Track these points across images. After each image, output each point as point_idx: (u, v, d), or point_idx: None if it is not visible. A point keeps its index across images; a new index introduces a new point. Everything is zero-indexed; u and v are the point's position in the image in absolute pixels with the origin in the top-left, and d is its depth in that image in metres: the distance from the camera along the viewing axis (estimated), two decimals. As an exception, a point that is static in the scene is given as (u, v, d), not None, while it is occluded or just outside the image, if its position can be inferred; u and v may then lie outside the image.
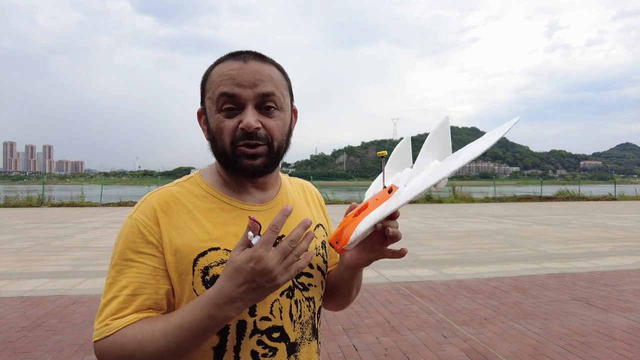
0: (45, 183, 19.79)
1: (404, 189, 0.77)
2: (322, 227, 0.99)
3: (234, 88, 0.78)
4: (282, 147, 0.84)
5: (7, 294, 4.75)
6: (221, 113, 0.80)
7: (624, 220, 12.74)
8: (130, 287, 0.75)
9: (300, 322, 0.86)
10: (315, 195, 1.06)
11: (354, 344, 3.41)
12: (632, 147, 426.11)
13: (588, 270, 6.08)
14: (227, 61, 0.82)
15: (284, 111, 0.84)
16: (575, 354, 3.20)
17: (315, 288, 0.91)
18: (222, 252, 0.79)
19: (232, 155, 0.80)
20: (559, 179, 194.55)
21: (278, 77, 0.83)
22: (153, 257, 0.77)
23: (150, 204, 0.81)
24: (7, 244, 8.17)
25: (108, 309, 0.74)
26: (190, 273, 0.77)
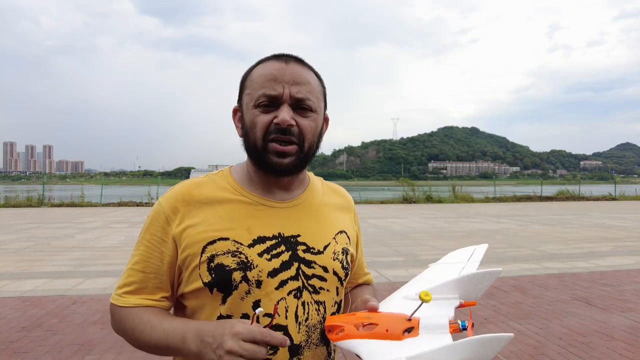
0: (45, 183, 19.78)
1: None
2: (346, 234, 0.98)
3: (274, 85, 0.82)
4: (312, 148, 0.87)
5: (7, 294, 4.75)
6: (258, 108, 0.83)
7: (624, 220, 12.73)
8: (141, 263, 0.85)
9: (307, 325, 0.84)
10: (347, 201, 1.05)
11: (354, 344, 3.40)
12: (632, 147, 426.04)
13: (588, 270, 6.08)
14: (269, 61, 0.86)
15: (317, 114, 0.87)
16: (576, 354, 3.20)
17: (327, 293, 0.89)
18: (230, 243, 0.82)
19: (262, 150, 0.83)
20: (559, 179, 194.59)
21: (315, 82, 0.88)
22: (165, 242, 0.84)
23: (175, 194, 0.87)
24: (7, 244, 8.17)
25: (124, 278, 0.87)
26: (198, 258, 0.81)
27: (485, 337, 0.61)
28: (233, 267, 0.81)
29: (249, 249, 0.82)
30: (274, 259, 0.83)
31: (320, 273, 0.88)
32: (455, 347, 0.63)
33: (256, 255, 0.82)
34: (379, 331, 0.73)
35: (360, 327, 0.75)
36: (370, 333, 0.73)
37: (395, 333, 0.72)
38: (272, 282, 0.82)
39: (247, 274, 0.81)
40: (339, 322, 0.78)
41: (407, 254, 7.24)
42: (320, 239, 0.90)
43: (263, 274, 0.81)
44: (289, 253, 0.85)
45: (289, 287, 0.83)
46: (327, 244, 0.91)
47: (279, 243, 0.85)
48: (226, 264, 0.81)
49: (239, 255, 0.81)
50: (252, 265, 0.81)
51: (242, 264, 0.81)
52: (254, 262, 0.81)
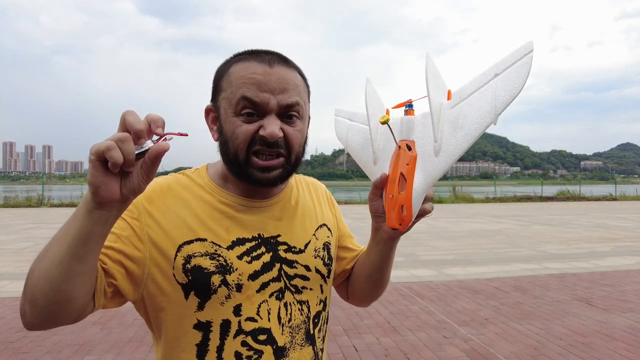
0: (44, 183, 19.78)
1: (444, 143, 0.72)
2: (327, 227, 0.95)
3: (259, 94, 0.74)
4: (298, 158, 0.83)
5: (7, 294, 4.75)
6: (239, 117, 0.75)
7: (625, 221, 12.73)
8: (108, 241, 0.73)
9: (290, 326, 0.82)
10: (324, 193, 1.03)
11: (354, 345, 3.40)
12: (632, 147, 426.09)
13: (589, 270, 6.07)
14: (249, 61, 0.77)
15: (304, 121, 0.82)
16: (576, 355, 3.20)
17: (310, 291, 0.86)
18: (208, 244, 0.78)
19: (244, 164, 0.77)
20: (559, 179, 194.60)
21: (302, 85, 0.81)
22: (134, 230, 0.75)
23: (151, 186, 0.80)
24: (6, 244, 8.17)
25: None
26: (172, 258, 0.76)
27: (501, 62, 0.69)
28: (212, 270, 0.76)
29: (227, 252, 0.78)
30: (254, 261, 0.80)
31: (302, 272, 0.85)
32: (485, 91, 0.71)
33: (235, 258, 0.78)
34: (407, 172, 0.75)
35: (398, 192, 0.75)
36: (408, 181, 0.74)
37: (411, 158, 0.76)
38: (253, 285, 0.79)
39: (226, 277, 0.76)
40: (394, 211, 0.75)
41: (408, 254, 7.23)
42: (300, 237, 0.87)
43: (243, 277, 0.78)
44: (269, 254, 0.82)
45: (270, 289, 0.80)
46: (308, 242, 0.88)
47: (259, 244, 0.82)
48: (204, 266, 0.76)
49: (217, 258, 0.77)
50: (232, 269, 0.77)
51: (221, 267, 0.77)
52: (233, 265, 0.78)
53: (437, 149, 0.73)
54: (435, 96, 0.75)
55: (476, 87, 0.73)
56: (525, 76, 0.66)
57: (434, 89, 0.75)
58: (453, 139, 0.72)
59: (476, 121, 0.70)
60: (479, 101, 0.71)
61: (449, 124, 0.74)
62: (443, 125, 0.74)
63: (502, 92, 0.68)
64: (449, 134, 0.73)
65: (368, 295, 1.01)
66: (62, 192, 22.52)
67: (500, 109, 0.68)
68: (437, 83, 0.76)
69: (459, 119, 0.73)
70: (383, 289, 0.99)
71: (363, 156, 0.92)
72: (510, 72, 0.68)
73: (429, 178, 0.73)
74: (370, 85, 0.88)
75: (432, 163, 0.74)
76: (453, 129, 0.73)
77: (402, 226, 0.74)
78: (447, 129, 0.73)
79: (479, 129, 0.70)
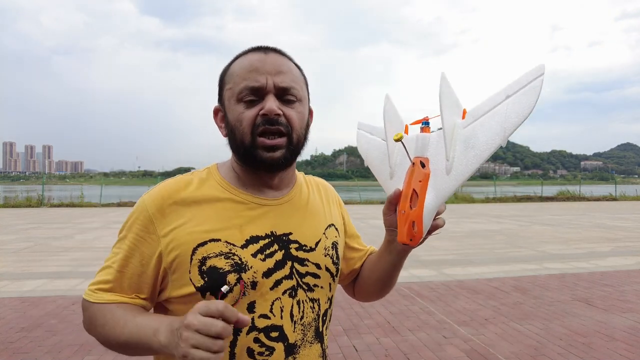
0: (44, 183, 19.78)
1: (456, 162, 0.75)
2: (335, 227, 0.96)
3: (256, 77, 0.79)
4: (300, 140, 0.84)
5: (6, 295, 4.75)
6: (241, 104, 0.80)
7: (625, 221, 12.73)
8: (120, 262, 0.81)
9: (302, 324, 0.83)
10: (332, 194, 1.04)
11: (354, 345, 3.40)
12: (632, 147, 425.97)
13: (589, 270, 6.07)
14: (247, 54, 0.83)
15: (302, 104, 0.85)
16: (576, 355, 3.19)
17: (321, 290, 0.88)
18: (222, 244, 0.79)
19: (250, 146, 0.80)
20: (559, 179, 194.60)
21: (297, 72, 0.85)
22: (147, 242, 0.80)
23: (160, 192, 0.82)
24: (6, 244, 8.16)
25: (101, 275, 0.83)
26: (188, 261, 0.78)
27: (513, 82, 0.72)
28: (227, 270, 0.77)
29: (242, 250, 0.79)
30: (267, 258, 0.81)
31: (313, 270, 0.87)
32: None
33: (250, 256, 0.79)
34: (420, 189, 0.78)
35: (411, 207, 0.78)
36: (420, 197, 0.77)
37: (424, 176, 0.79)
38: (266, 283, 0.80)
39: (241, 275, 0.78)
40: (405, 226, 0.76)
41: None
42: (311, 235, 0.89)
43: (258, 275, 0.79)
44: (282, 252, 0.83)
45: (283, 286, 0.82)
46: (318, 240, 0.90)
47: (272, 242, 0.83)
48: (219, 266, 0.77)
49: (232, 257, 0.78)
50: (247, 267, 0.79)
51: (236, 266, 0.78)
52: (248, 263, 0.79)
53: (448, 168, 0.76)
54: (448, 116, 0.78)
55: (489, 108, 0.75)
56: (534, 100, 0.69)
57: (448, 109, 0.78)
58: (464, 159, 0.75)
59: (486, 142, 0.73)
60: (490, 122, 0.74)
61: (462, 143, 0.76)
62: (455, 144, 0.77)
63: (513, 114, 0.70)
64: (460, 154, 0.76)
65: (376, 294, 1.06)
66: (62, 192, 22.51)
67: (509, 131, 0.70)
68: (451, 103, 0.79)
69: (470, 139, 0.75)
70: (391, 289, 1.04)
71: (381, 170, 0.95)
72: (521, 94, 0.71)
73: (440, 196, 0.76)
74: (390, 102, 0.92)
75: (443, 181, 0.76)
76: (465, 148, 0.76)
77: (413, 242, 0.77)
78: (460, 148, 0.76)
79: (489, 150, 0.73)
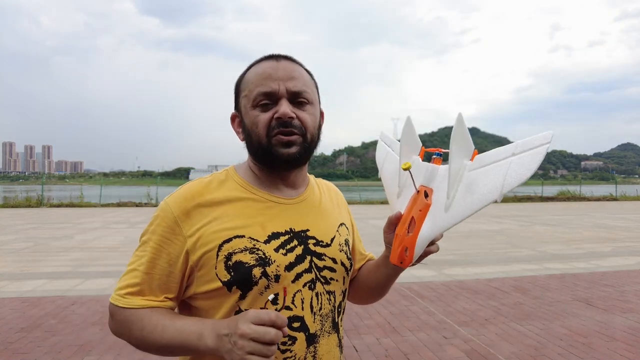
0: (44, 183, 19.76)
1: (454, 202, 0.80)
2: (345, 226, 1.03)
3: (269, 83, 0.85)
4: (314, 139, 0.90)
5: (6, 295, 4.74)
6: (257, 109, 0.86)
7: (625, 221, 12.72)
8: (147, 264, 0.84)
9: (321, 315, 0.88)
10: (339, 196, 1.11)
11: (354, 345, 3.40)
12: (633, 147, 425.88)
13: (589, 270, 6.07)
14: (260, 62, 0.89)
15: (314, 106, 0.90)
16: (576, 355, 3.19)
17: (336, 283, 0.93)
18: (246, 240, 0.83)
19: (267, 145, 0.85)
20: (560, 179, 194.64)
21: (307, 77, 0.91)
22: (173, 243, 0.84)
23: (184, 194, 0.87)
24: (6, 244, 8.16)
25: (128, 278, 0.85)
26: (214, 257, 0.82)
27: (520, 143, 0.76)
28: (252, 264, 0.82)
29: (265, 245, 0.84)
30: (289, 253, 0.86)
31: (330, 264, 0.92)
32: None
33: (272, 251, 0.84)
34: (418, 217, 0.83)
35: (408, 233, 0.83)
36: (417, 225, 0.82)
37: (424, 206, 0.84)
38: (288, 276, 0.85)
39: (266, 269, 0.83)
40: (398, 249, 0.82)
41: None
42: (326, 232, 0.94)
43: (280, 269, 0.84)
44: (301, 247, 0.88)
45: (303, 279, 0.87)
46: (333, 237, 0.95)
47: (292, 238, 0.88)
48: (245, 261, 0.82)
49: (257, 252, 0.83)
50: (270, 261, 0.84)
51: (261, 260, 0.83)
52: (271, 258, 0.84)
53: (447, 206, 0.81)
54: (458, 157, 0.82)
55: (495, 159, 0.79)
56: (536, 164, 0.73)
57: (459, 150, 0.82)
58: (462, 202, 0.79)
59: (484, 193, 0.77)
60: (492, 174, 0.78)
61: (464, 186, 0.81)
62: (458, 185, 0.81)
63: (513, 173, 0.75)
64: (460, 196, 0.80)
65: (367, 299, 1.12)
66: (61, 192, 22.52)
67: (506, 189, 0.74)
68: (463, 144, 0.83)
69: (472, 185, 0.79)
70: (382, 297, 1.10)
71: (391, 186, 0.99)
72: (525, 155, 0.75)
73: (436, 229, 0.81)
74: (410, 124, 0.96)
75: (441, 216, 0.81)
76: (465, 191, 0.80)
77: (403, 264, 0.83)
78: (461, 189, 0.80)
79: (484, 202, 0.77)
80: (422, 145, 0.97)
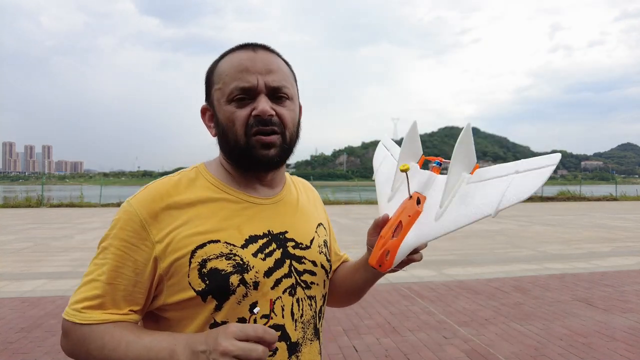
0: (44, 183, 19.78)
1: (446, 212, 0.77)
2: (323, 226, 0.98)
3: (246, 77, 0.78)
4: (293, 138, 0.84)
5: (6, 295, 4.74)
6: (232, 104, 0.79)
7: (625, 221, 12.72)
8: (110, 274, 0.74)
9: (302, 322, 0.83)
10: (315, 195, 1.06)
11: (354, 345, 3.39)
12: (633, 147, 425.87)
13: (589, 270, 6.07)
14: (235, 52, 0.82)
15: (294, 102, 0.84)
16: (576, 355, 3.19)
17: (317, 287, 0.88)
18: (221, 245, 0.77)
19: (245, 146, 0.78)
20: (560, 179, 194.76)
21: (286, 70, 0.84)
22: (139, 249, 0.75)
23: (150, 194, 0.79)
24: (6, 244, 8.16)
25: (86, 290, 0.75)
26: (187, 265, 0.75)
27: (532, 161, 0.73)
28: (229, 271, 0.75)
29: (242, 250, 0.78)
30: (267, 257, 0.80)
31: (310, 268, 0.86)
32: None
33: (250, 256, 0.78)
34: (406, 222, 0.80)
35: (393, 237, 0.79)
36: (403, 230, 0.79)
37: (415, 212, 0.81)
38: (268, 282, 0.79)
39: (244, 276, 0.76)
40: (379, 252, 0.78)
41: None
42: (305, 233, 0.89)
43: (259, 275, 0.78)
44: (280, 250, 0.82)
45: (283, 285, 0.81)
46: (312, 238, 0.90)
47: (270, 241, 0.82)
48: (221, 268, 0.75)
49: (234, 258, 0.77)
50: (249, 267, 0.77)
51: (238, 266, 0.76)
52: (249, 263, 0.78)
53: (438, 215, 0.78)
54: (458, 168, 0.80)
55: (496, 175, 0.77)
56: (538, 184, 0.70)
57: (460, 161, 0.80)
58: (454, 213, 0.76)
59: (478, 206, 0.74)
60: (491, 188, 0.75)
61: (459, 198, 0.78)
62: (454, 195, 0.79)
63: (513, 190, 0.71)
64: (454, 206, 0.77)
65: (341, 302, 1.06)
66: (61, 192, 22.52)
67: (503, 206, 0.71)
68: (465, 155, 0.81)
69: (467, 197, 0.77)
70: (357, 301, 1.05)
71: (383, 188, 0.96)
72: (528, 174, 0.72)
73: (422, 237, 0.78)
74: (414, 129, 0.94)
75: (429, 225, 0.78)
76: (459, 203, 0.77)
77: (382, 268, 0.78)
78: (456, 201, 0.78)
79: (477, 216, 0.73)
80: (422, 153, 0.95)
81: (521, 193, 0.70)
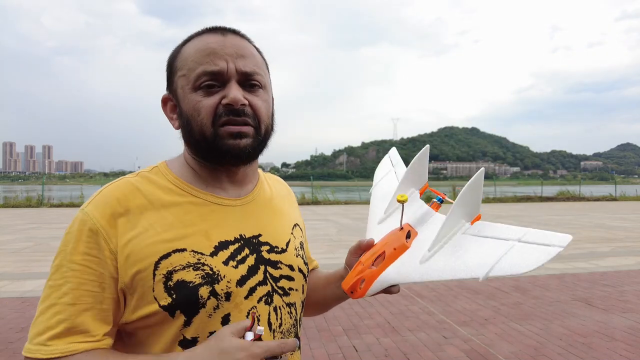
0: (44, 183, 19.78)
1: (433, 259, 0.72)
2: (299, 227, 0.92)
3: (215, 60, 0.70)
4: (268, 130, 0.77)
5: (6, 295, 4.75)
6: (198, 92, 0.71)
7: (625, 221, 12.73)
8: (71, 294, 0.65)
9: (281, 332, 0.76)
10: (290, 193, 0.99)
11: (354, 345, 3.40)
12: (632, 147, 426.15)
13: (588, 270, 6.07)
14: (201, 36, 0.74)
15: (267, 92, 0.77)
16: (576, 355, 3.19)
17: (296, 292, 0.81)
18: (188, 255, 0.69)
19: (213, 138, 0.70)
20: (559, 179, 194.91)
21: (258, 57, 0.77)
22: (102, 261, 0.67)
23: (106, 199, 0.70)
24: (6, 244, 8.16)
25: (47, 319, 0.65)
26: (151, 278, 0.67)
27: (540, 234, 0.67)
28: (198, 282, 0.68)
29: (211, 258, 0.70)
30: (240, 265, 0.73)
31: (287, 273, 0.80)
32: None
33: (221, 264, 0.71)
34: (390, 255, 0.75)
35: (372, 266, 0.75)
36: (385, 262, 0.75)
37: (401, 246, 0.76)
38: (241, 292, 0.71)
39: (214, 287, 0.69)
40: (354, 278, 0.74)
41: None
42: (280, 236, 0.82)
43: (232, 284, 0.71)
44: (253, 256, 0.75)
45: (258, 293, 0.74)
46: (288, 241, 0.83)
47: (242, 246, 0.75)
48: (188, 279, 0.67)
49: (202, 268, 0.69)
50: (219, 277, 0.70)
51: (208, 277, 0.69)
52: (220, 273, 0.70)
53: (424, 258, 0.72)
54: (458, 215, 0.74)
55: (496, 235, 0.71)
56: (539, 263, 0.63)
57: (462, 208, 0.74)
58: (441, 263, 0.70)
59: (468, 265, 0.67)
60: (487, 248, 0.69)
61: (451, 246, 0.72)
62: (446, 242, 0.73)
63: (509, 260, 0.64)
64: (443, 255, 0.71)
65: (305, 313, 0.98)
66: (61, 192, 22.51)
67: (494, 273, 0.64)
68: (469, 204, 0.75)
69: (460, 249, 0.71)
70: (322, 314, 1.01)
71: (376, 207, 0.91)
72: (531, 247, 0.66)
73: (401, 277, 0.73)
74: (425, 155, 0.89)
75: (413, 265, 0.73)
76: (449, 253, 0.71)
77: (353, 295, 0.75)
78: (447, 249, 0.72)
79: (464, 274, 0.67)
80: (427, 181, 0.91)
81: (517, 266, 0.62)
